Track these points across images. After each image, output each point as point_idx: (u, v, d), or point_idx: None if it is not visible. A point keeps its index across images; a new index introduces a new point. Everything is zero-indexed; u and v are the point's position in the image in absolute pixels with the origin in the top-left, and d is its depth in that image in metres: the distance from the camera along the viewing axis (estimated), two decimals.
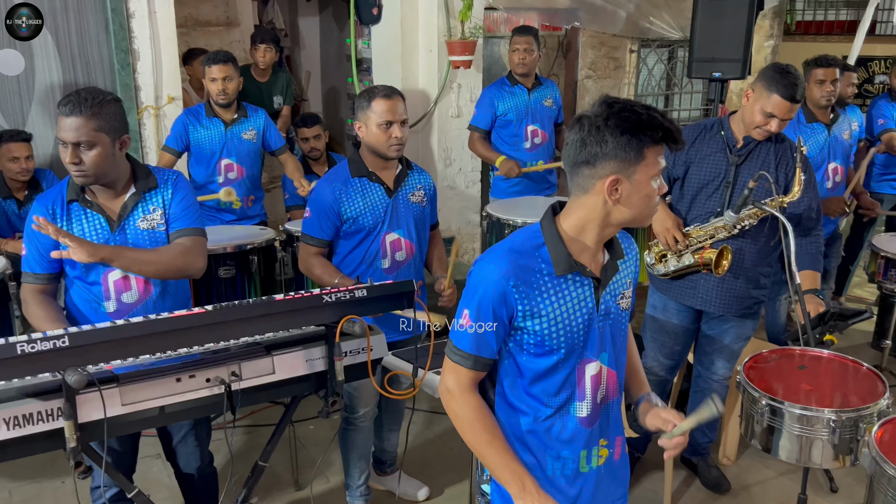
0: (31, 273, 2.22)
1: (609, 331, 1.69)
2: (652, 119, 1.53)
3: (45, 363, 1.63)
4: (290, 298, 1.91)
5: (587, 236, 1.62)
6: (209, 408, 1.92)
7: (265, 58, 4.91)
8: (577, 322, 1.64)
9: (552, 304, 1.61)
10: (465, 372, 1.66)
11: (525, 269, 1.60)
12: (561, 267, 1.61)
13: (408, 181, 2.80)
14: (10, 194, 3.74)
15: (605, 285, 1.67)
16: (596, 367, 1.68)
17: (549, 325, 1.61)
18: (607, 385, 1.71)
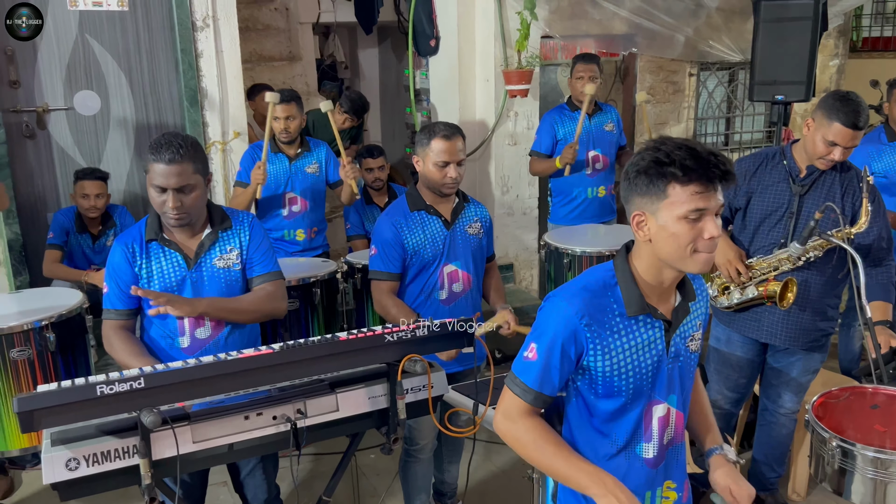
0: (112, 309, 2.32)
1: (678, 373, 1.69)
2: (674, 156, 1.50)
3: (122, 404, 1.70)
4: (354, 338, 1.95)
5: (655, 276, 1.62)
6: (276, 445, 1.97)
7: (344, 125, 5.04)
8: (646, 364, 1.63)
9: (622, 345, 1.61)
10: (523, 405, 1.66)
11: (598, 308, 1.60)
12: (633, 308, 1.61)
13: (465, 213, 2.84)
14: (84, 229, 3.91)
15: (675, 328, 1.66)
16: (664, 409, 1.67)
17: (619, 366, 1.61)
18: (675, 427, 1.70)
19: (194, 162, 2.22)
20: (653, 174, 1.53)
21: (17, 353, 2.69)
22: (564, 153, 4.13)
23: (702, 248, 1.54)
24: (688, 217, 1.51)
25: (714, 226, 1.53)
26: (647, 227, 1.57)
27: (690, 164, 1.49)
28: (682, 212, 1.51)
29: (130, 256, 2.29)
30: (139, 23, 4.17)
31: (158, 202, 2.23)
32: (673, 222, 1.52)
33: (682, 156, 1.50)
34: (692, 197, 1.50)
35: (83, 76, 4.12)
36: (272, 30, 5.92)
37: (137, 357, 2.23)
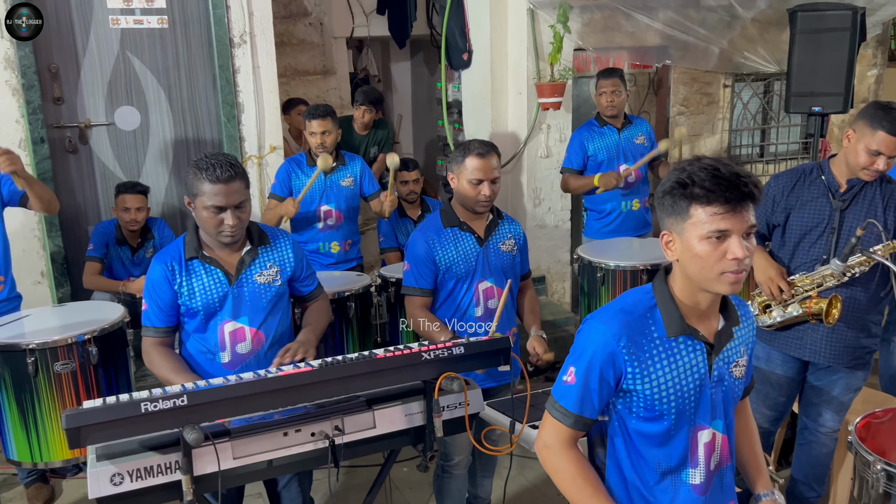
0: (151, 327, 2.37)
1: (722, 398, 1.67)
2: (695, 177, 1.51)
3: (165, 420, 1.73)
4: (391, 356, 1.97)
5: (691, 297, 1.61)
6: (314, 461, 1.99)
7: (364, 119, 5.10)
8: (688, 387, 1.62)
9: (662, 368, 1.60)
10: (564, 429, 1.66)
11: (636, 330, 1.60)
12: (672, 329, 1.60)
13: (498, 230, 2.84)
14: (124, 241, 3.99)
15: (718, 351, 1.65)
16: (709, 435, 1.66)
17: (659, 389, 1.60)
18: (721, 452, 1.68)
19: (244, 178, 2.29)
20: (676, 195, 1.55)
21: (61, 366, 2.75)
22: (609, 179, 4.12)
23: (728, 269, 1.52)
24: (710, 238, 1.52)
25: (739, 246, 1.51)
26: (675, 247, 1.59)
27: (710, 185, 1.50)
28: (703, 232, 1.52)
29: (170, 275, 2.33)
30: (178, 40, 4.25)
31: (214, 222, 2.26)
32: (696, 242, 1.53)
33: (703, 177, 1.50)
34: (713, 217, 1.50)
35: (124, 92, 4.21)
36: (307, 44, 6.00)
37: (178, 372, 2.27)
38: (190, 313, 2.35)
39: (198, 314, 2.34)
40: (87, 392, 2.81)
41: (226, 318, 2.35)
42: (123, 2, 4.09)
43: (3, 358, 2.75)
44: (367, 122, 5.18)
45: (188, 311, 2.34)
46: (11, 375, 2.74)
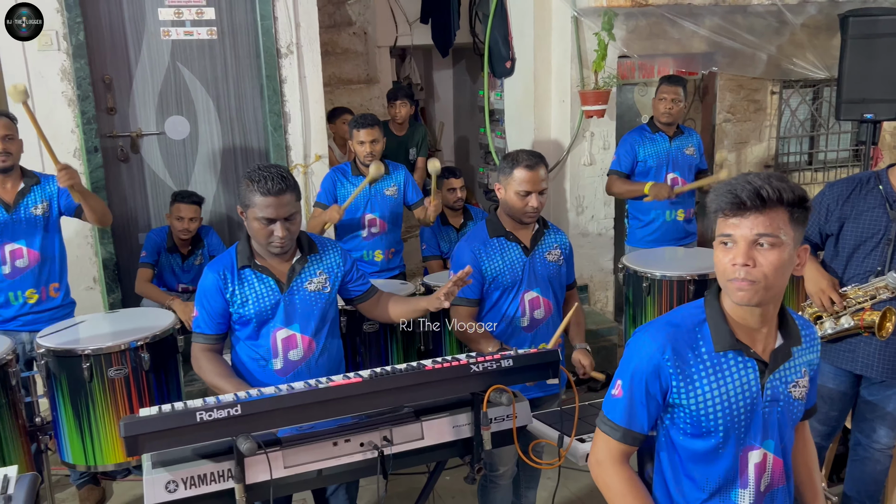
0: (201, 334, 2.42)
1: (776, 418, 1.63)
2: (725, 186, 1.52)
3: (219, 429, 1.76)
4: (440, 368, 1.98)
5: (739, 314, 1.58)
6: (362, 471, 2.00)
7: (402, 112, 5.14)
8: (738, 405, 1.59)
9: (709, 383, 1.57)
10: (615, 444, 1.65)
11: (683, 343, 1.58)
12: (721, 344, 1.58)
13: (544, 240, 2.83)
14: (175, 249, 4.07)
15: (772, 370, 1.61)
16: (760, 455, 1.62)
17: (706, 405, 1.58)
18: (772, 474, 1.64)
19: (295, 191, 2.33)
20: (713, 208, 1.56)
21: (115, 372, 2.81)
22: (661, 191, 4.08)
23: (734, 276, 1.51)
24: (721, 243, 1.53)
25: (741, 253, 1.49)
26: None
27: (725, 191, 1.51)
28: (717, 238, 1.54)
29: (222, 284, 2.37)
30: (227, 51, 4.33)
31: (264, 233, 2.30)
32: (716, 250, 1.55)
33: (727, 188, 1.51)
34: (721, 222, 1.52)
35: (174, 102, 4.30)
36: (351, 53, 6.06)
37: (226, 379, 2.32)
38: (242, 321, 2.39)
39: (250, 322, 2.38)
40: (139, 397, 2.87)
41: (278, 325, 2.39)
42: (174, 14, 4.19)
43: (59, 363, 2.82)
44: (405, 115, 5.22)
45: (241, 318, 2.38)
46: (67, 380, 2.81)
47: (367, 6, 6.05)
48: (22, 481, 1.93)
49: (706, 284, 3.58)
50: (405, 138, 5.27)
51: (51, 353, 2.82)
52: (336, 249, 2.54)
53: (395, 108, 5.16)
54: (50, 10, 3.88)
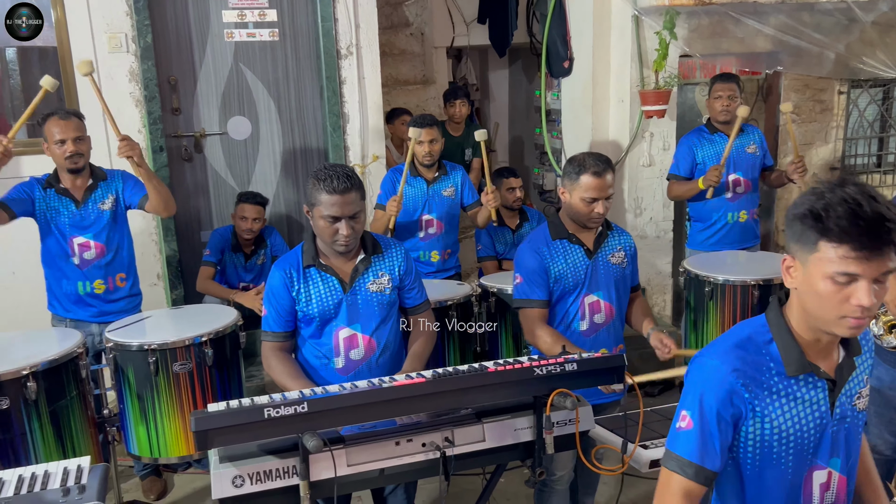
0: (270, 332, 2.46)
1: (843, 435, 1.55)
2: (832, 211, 1.35)
3: (286, 426, 1.78)
4: (503, 370, 1.96)
5: (810, 332, 1.49)
6: (424, 471, 2.01)
7: (461, 112, 5.15)
8: (808, 428, 1.51)
9: (782, 408, 1.49)
10: (685, 484, 1.50)
11: (753, 366, 1.48)
12: (793, 367, 1.48)
13: (608, 242, 2.79)
14: (238, 248, 4.15)
15: (841, 387, 1.53)
16: (825, 475, 1.55)
17: (778, 432, 1.49)
18: (837, 492, 1.57)
19: (360, 190, 2.36)
20: (807, 224, 1.40)
21: (179, 366, 2.88)
22: (709, 175, 3.97)
23: (850, 314, 1.38)
24: (834, 279, 1.37)
25: (867, 293, 1.34)
26: (796, 275, 1.46)
27: (846, 225, 1.34)
28: (829, 272, 1.37)
29: (288, 282, 2.41)
30: (288, 52, 4.39)
31: (330, 231, 2.33)
32: (819, 279, 1.39)
33: (840, 212, 1.34)
34: (842, 260, 1.35)
35: (236, 103, 4.38)
36: (407, 54, 6.09)
37: (294, 378, 2.35)
38: (306, 319, 2.42)
39: (314, 320, 2.41)
40: (202, 392, 2.94)
41: (340, 324, 2.42)
42: (238, 16, 4.27)
43: (126, 357, 2.91)
44: (463, 116, 5.22)
45: (305, 316, 2.42)
46: (134, 374, 2.89)
47: (425, 7, 6.07)
48: (94, 471, 1.99)
49: (771, 290, 3.49)
50: (461, 139, 5.27)
51: (119, 347, 2.90)
52: (400, 251, 2.55)
53: (453, 107, 5.17)
54: (119, 14, 3.99)
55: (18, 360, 2.68)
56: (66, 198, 3.27)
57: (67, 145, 3.17)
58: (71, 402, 2.80)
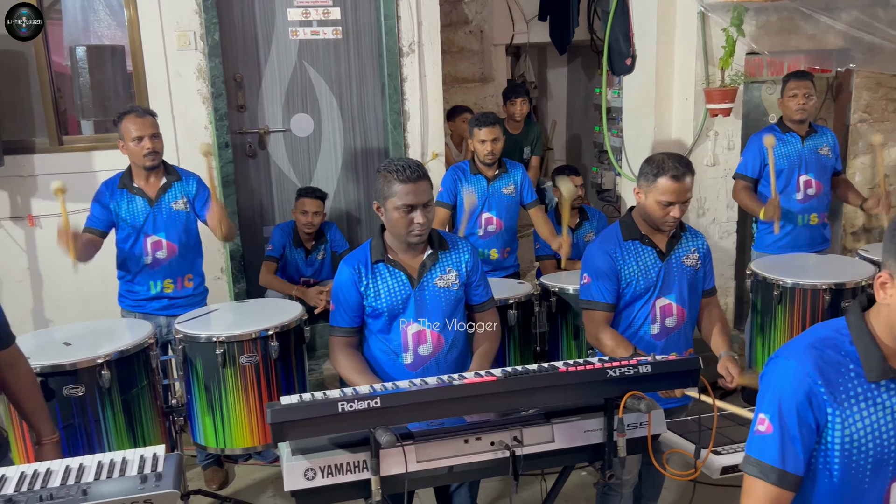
0: (338, 327, 2.48)
1: None
2: None
3: (359, 421, 1.79)
4: (575, 371, 1.94)
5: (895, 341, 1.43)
6: (492, 470, 2.00)
7: (522, 110, 5.12)
8: (888, 435, 1.45)
9: (861, 414, 1.43)
10: (770, 489, 1.46)
11: (832, 369, 1.43)
12: (874, 372, 1.42)
13: (682, 244, 2.73)
14: (300, 244, 4.20)
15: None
16: None
17: (857, 438, 1.43)
18: None
19: (429, 179, 2.38)
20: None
21: (246, 359, 2.92)
22: (767, 208, 3.87)
23: None
24: None
25: None
26: (891, 293, 1.40)
27: None
28: None
29: (356, 278, 2.42)
30: (351, 50, 4.43)
31: (404, 221, 2.34)
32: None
33: None
34: None
35: (299, 100, 4.44)
36: (466, 52, 6.08)
37: (359, 374, 2.37)
38: (375, 314, 2.44)
39: (382, 315, 2.42)
40: (267, 385, 2.98)
41: (409, 319, 2.43)
42: (302, 14, 4.31)
43: (194, 348, 2.96)
44: (523, 114, 5.19)
45: (373, 311, 2.43)
46: (202, 365, 2.95)
47: (485, 4, 6.05)
48: (170, 460, 2.03)
49: (842, 294, 3.38)
50: (520, 137, 5.24)
51: (188, 338, 2.96)
52: (467, 248, 2.54)
53: (514, 106, 5.14)
54: (189, 12, 4.08)
55: (93, 349, 2.76)
56: (140, 197, 3.34)
57: (145, 142, 3.24)
58: (142, 391, 2.87)
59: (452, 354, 2.48)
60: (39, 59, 4.07)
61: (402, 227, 2.35)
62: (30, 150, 4.09)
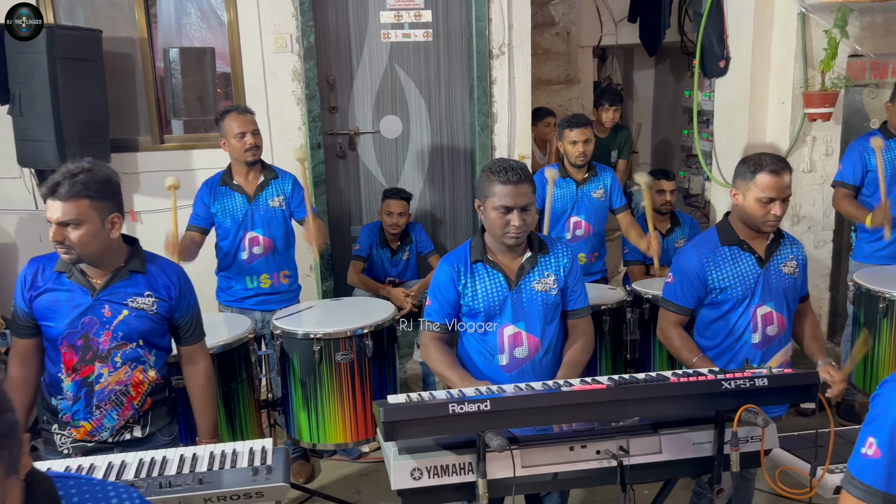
0: (431, 322, 2.50)
1: None
2: None
3: (467, 423, 1.79)
4: (687, 381, 1.90)
5: None
6: (597, 479, 1.97)
7: (613, 118, 5.05)
8: None
9: None
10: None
11: None
12: None
13: (780, 251, 2.66)
14: (386, 244, 4.25)
15: None
16: None
17: None
18: None
19: (531, 184, 2.36)
20: None
21: (341, 356, 2.97)
22: (875, 214, 3.70)
23: None
24: None
25: None
26: None
27: None
28: None
29: (455, 276, 2.43)
30: (440, 52, 4.45)
31: (501, 222, 2.34)
32: None
33: None
34: None
35: (389, 102, 4.49)
36: (552, 54, 6.03)
37: (451, 368, 2.39)
38: (471, 314, 2.44)
39: (479, 315, 2.43)
40: (360, 382, 3.02)
41: (505, 321, 2.43)
42: (394, 17, 4.36)
43: (292, 344, 3.03)
44: (615, 121, 5.13)
45: (470, 311, 2.44)
46: (299, 361, 3.01)
47: (572, 6, 6.00)
48: (278, 453, 2.08)
49: None
50: (608, 140, 5.17)
51: (286, 334, 3.03)
52: (566, 252, 2.52)
53: (606, 112, 5.07)
54: (286, 15, 4.17)
55: None
56: (239, 193, 3.44)
57: (247, 138, 3.35)
58: (241, 384, 2.95)
59: (548, 358, 2.46)
60: (145, 61, 4.24)
61: (499, 228, 2.36)
62: (133, 147, 4.27)
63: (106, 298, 2.26)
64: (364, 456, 3.92)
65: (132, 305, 2.27)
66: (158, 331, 2.34)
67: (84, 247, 2.17)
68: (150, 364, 2.34)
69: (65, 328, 2.23)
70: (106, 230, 2.21)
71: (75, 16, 4.23)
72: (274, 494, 1.91)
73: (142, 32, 4.22)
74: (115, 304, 2.26)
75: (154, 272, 2.33)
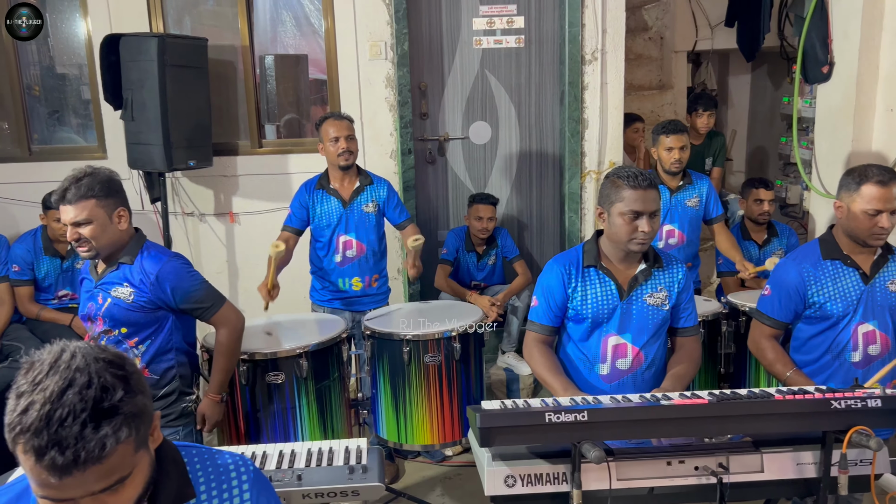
0: (537, 323, 2.49)
1: None
2: None
3: (563, 433, 1.78)
4: (793, 399, 1.83)
5: None
6: (695, 496, 1.92)
7: (708, 123, 4.92)
8: None
9: None
10: None
11: None
12: None
13: (888, 267, 2.53)
14: (471, 248, 4.27)
15: None
16: None
17: None
18: None
19: (658, 190, 2.33)
20: None
21: (430, 358, 3.00)
22: None
23: None
24: None
25: None
26: None
27: None
28: None
29: (566, 278, 2.42)
30: (532, 58, 4.44)
31: (628, 228, 2.31)
32: None
33: None
34: None
35: (479, 108, 4.51)
36: (644, 59, 5.93)
37: (553, 373, 2.37)
38: (578, 318, 2.41)
39: (585, 321, 2.40)
40: (448, 384, 3.04)
41: (611, 331, 2.40)
42: (487, 23, 4.38)
43: (382, 345, 3.08)
44: (710, 126, 5.00)
45: (576, 315, 2.41)
46: (389, 361, 3.06)
47: (666, 11, 5.88)
48: (372, 452, 2.12)
49: None
50: (702, 147, 5.04)
51: (377, 334, 3.08)
52: (681, 269, 2.47)
53: (701, 118, 4.94)
54: (381, 23, 4.25)
55: (292, 340, 2.94)
56: (335, 197, 3.53)
57: (341, 142, 3.44)
58: (333, 382, 3.02)
59: (650, 373, 2.42)
60: (246, 67, 4.40)
61: (626, 234, 2.32)
62: (234, 151, 4.43)
63: (101, 286, 2.55)
64: (447, 459, 3.94)
65: (114, 294, 2.53)
66: (143, 321, 2.54)
67: (98, 240, 2.45)
68: (136, 354, 2.54)
69: (82, 310, 2.63)
70: (114, 224, 2.48)
71: (182, 24, 4.43)
72: (368, 494, 1.94)
73: (244, 40, 4.38)
74: (104, 293, 2.54)
75: (137, 264, 2.53)
